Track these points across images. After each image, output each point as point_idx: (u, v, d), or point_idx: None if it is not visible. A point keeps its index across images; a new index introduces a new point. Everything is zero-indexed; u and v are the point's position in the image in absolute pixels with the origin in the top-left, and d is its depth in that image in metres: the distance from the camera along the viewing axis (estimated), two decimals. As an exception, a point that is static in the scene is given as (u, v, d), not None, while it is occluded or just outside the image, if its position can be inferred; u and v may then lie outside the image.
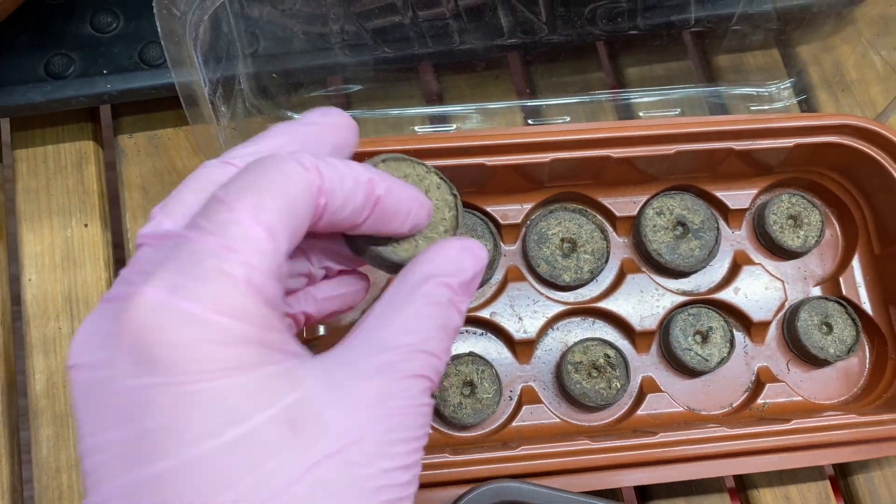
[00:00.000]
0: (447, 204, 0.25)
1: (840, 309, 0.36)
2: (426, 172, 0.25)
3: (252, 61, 0.34)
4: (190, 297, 0.17)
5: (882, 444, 0.31)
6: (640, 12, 0.35)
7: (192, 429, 0.17)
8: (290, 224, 0.19)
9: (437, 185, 0.25)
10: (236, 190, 0.19)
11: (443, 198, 0.25)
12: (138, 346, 0.17)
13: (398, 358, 0.20)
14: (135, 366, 0.17)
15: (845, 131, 0.35)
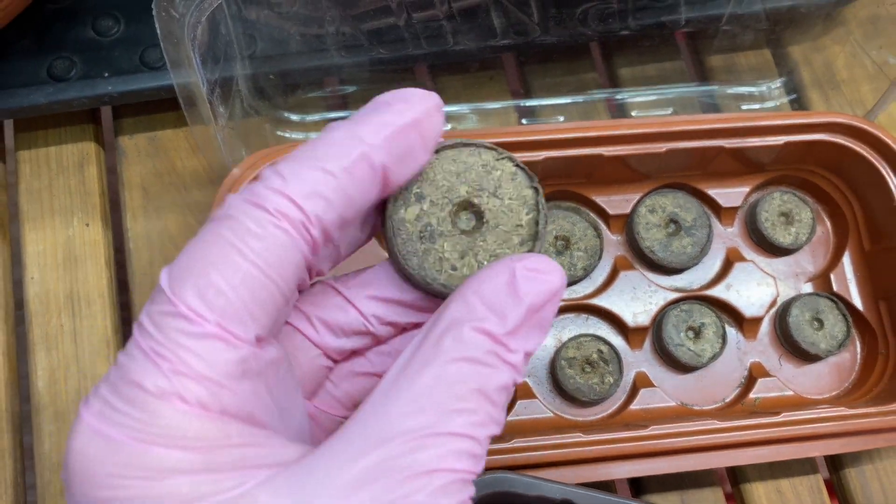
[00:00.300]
0: (525, 202, 0.20)
1: (831, 305, 0.36)
2: (497, 160, 0.20)
3: (249, 63, 0.34)
4: (117, 423, 0.15)
5: (870, 436, 0.32)
6: (630, 13, 0.35)
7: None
8: (258, 300, 0.16)
9: (510, 175, 0.20)
10: (180, 272, 0.16)
11: (518, 193, 0.20)
12: (73, 472, 0.16)
13: (399, 451, 0.15)
14: (76, 490, 0.16)
15: (834, 129, 0.35)
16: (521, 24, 0.35)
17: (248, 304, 0.16)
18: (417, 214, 0.20)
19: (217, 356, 0.16)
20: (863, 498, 0.35)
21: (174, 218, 0.36)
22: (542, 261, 0.17)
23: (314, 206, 0.17)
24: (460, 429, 0.16)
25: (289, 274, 0.17)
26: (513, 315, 0.17)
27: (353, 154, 0.17)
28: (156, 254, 0.36)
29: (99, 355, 0.34)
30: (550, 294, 0.17)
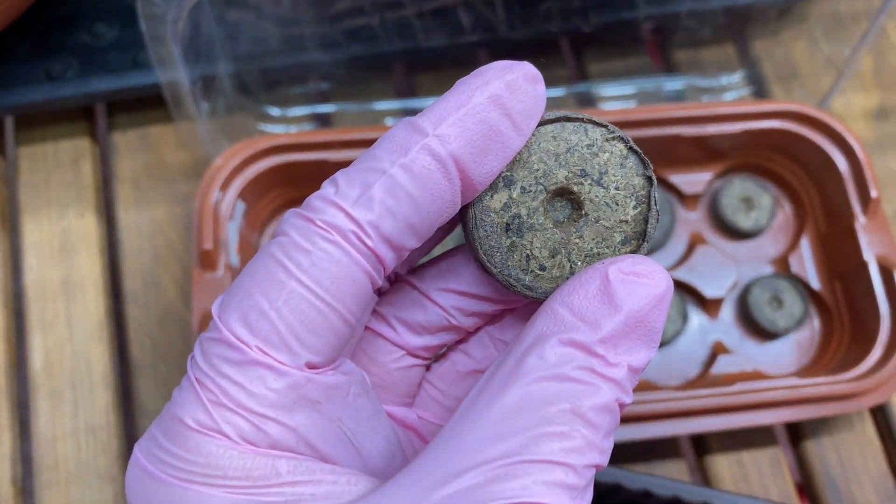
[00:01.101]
0: (634, 193, 0.17)
1: (789, 285, 0.38)
2: (606, 139, 0.17)
3: (232, 61, 0.37)
4: (161, 461, 0.15)
5: (821, 405, 0.33)
6: (591, 10, 0.37)
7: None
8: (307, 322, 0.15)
9: (620, 159, 0.17)
10: (230, 295, 0.15)
11: (627, 182, 0.17)
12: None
13: (477, 483, 0.13)
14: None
15: (787, 117, 0.37)
16: (488, 21, 0.37)
17: (295, 327, 0.15)
18: (505, 203, 0.17)
19: (261, 385, 0.14)
20: (821, 469, 0.36)
21: (163, 208, 0.39)
22: (641, 262, 0.15)
23: (366, 214, 0.15)
24: (551, 456, 0.13)
25: (345, 292, 0.15)
26: (608, 323, 0.14)
27: (412, 148, 0.15)
28: (146, 242, 0.38)
29: (92, 338, 0.36)
30: (655, 299, 0.15)
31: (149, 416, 0.35)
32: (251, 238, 0.36)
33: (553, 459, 0.13)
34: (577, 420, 0.14)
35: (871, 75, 0.43)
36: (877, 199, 0.36)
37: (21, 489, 0.34)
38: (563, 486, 0.13)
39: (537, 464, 0.13)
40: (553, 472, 0.13)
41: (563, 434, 0.14)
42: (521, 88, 0.16)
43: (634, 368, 0.15)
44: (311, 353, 0.15)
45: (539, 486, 0.13)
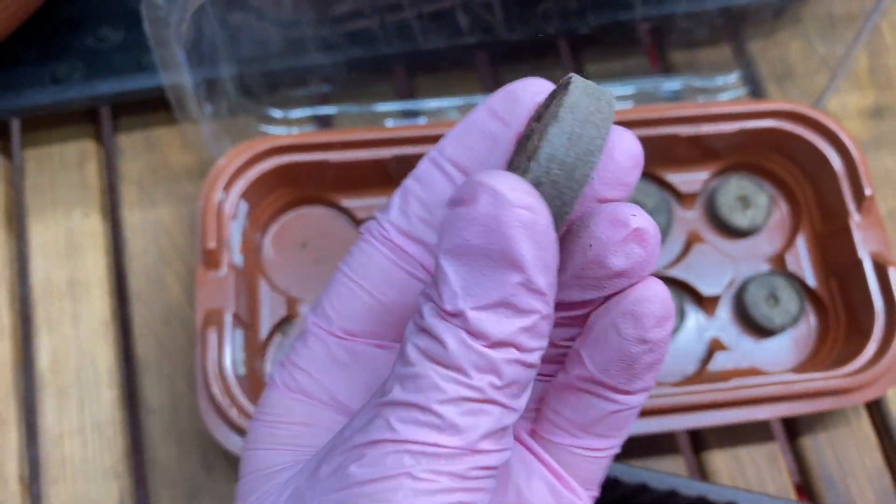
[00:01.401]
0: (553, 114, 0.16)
1: (785, 283, 0.38)
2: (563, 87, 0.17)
3: (234, 63, 0.37)
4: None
5: (817, 400, 0.33)
6: (589, 11, 0.38)
7: None
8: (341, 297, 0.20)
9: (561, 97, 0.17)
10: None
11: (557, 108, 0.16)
12: None
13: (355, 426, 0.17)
14: None
15: (783, 116, 0.37)
16: (487, 23, 0.38)
17: (332, 301, 0.19)
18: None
19: (304, 346, 0.19)
20: (817, 465, 0.36)
21: (167, 209, 0.39)
22: (462, 188, 0.16)
23: (386, 216, 0.19)
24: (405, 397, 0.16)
25: (370, 274, 0.19)
26: (438, 272, 0.16)
27: (420, 163, 0.19)
28: (150, 242, 0.39)
29: (97, 337, 0.37)
30: (477, 223, 0.15)
31: (154, 412, 0.36)
32: (254, 237, 0.37)
33: (406, 400, 0.16)
34: (429, 363, 0.16)
35: (867, 75, 0.43)
36: (871, 197, 0.36)
37: (28, 486, 0.35)
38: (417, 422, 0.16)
39: (393, 405, 0.16)
40: (407, 411, 0.16)
41: (416, 375, 0.16)
42: (514, 93, 0.18)
43: (487, 305, 0.15)
44: (344, 320, 0.19)
45: (393, 423, 0.16)
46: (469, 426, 0.16)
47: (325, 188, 0.38)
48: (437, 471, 0.15)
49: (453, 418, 0.15)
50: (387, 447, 0.15)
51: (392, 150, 0.36)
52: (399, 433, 0.15)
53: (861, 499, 0.36)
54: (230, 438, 0.32)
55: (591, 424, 0.19)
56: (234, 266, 0.34)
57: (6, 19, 0.36)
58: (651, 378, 0.18)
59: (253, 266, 0.36)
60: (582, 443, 0.19)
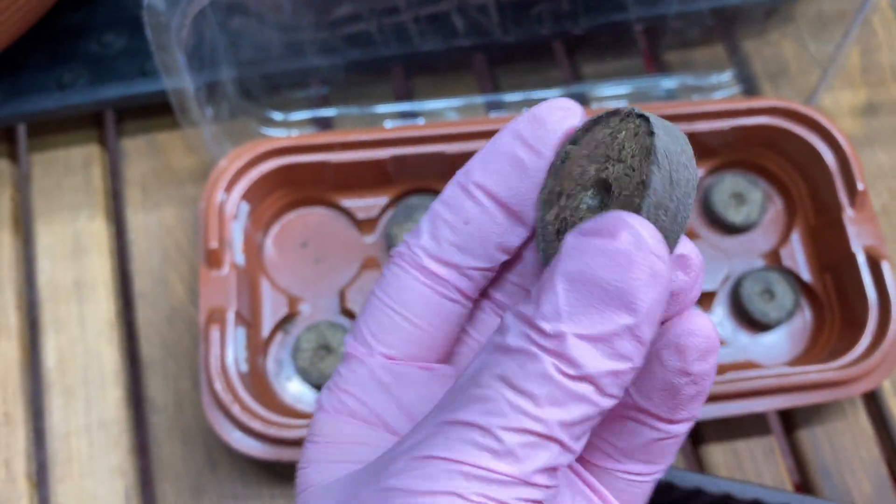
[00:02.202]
0: (647, 153, 0.16)
1: (780, 278, 0.39)
2: (622, 120, 0.17)
3: (235, 67, 0.38)
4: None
5: (812, 392, 0.34)
6: (582, 13, 0.38)
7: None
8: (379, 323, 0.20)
9: (635, 130, 0.17)
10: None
11: (640, 146, 0.16)
12: None
13: (416, 440, 0.16)
14: None
15: (776, 113, 0.38)
16: (482, 25, 0.38)
17: (371, 327, 0.20)
18: (556, 213, 0.18)
19: (348, 371, 0.20)
20: (814, 458, 0.37)
21: (171, 211, 0.40)
22: (604, 218, 0.15)
23: (417, 241, 0.19)
24: (469, 417, 0.15)
25: (406, 299, 0.19)
26: (544, 293, 0.15)
27: (448, 186, 0.19)
28: (154, 244, 0.39)
29: (103, 336, 0.38)
30: (604, 255, 0.15)
31: (158, 411, 0.36)
32: (255, 237, 0.38)
33: (470, 421, 0.15)
34: (502, 385, 0.15)
35: (859, 72, 0.44)
36: (864, 192, 0.36)
37: (36, 483, 0.36)
38: (476, 444, 0.15)
39: (457, 424, 0.15)
40: (469, 432, 0.15)
41: (486, 398, 0.15)
42: (540, 117, 0.19)
43: (589, 336, 0.15)
44: (384, 346, 0.19)
45: (453, 443, 0.15)
46: (527, 457, 0.15)
47: (324, 189, 0.38)
48: (487, 496, 0.15)
49: (513, 447, 0.15)
50: (442, 465, 0.15)
51: (391, 151, 0.37)
52: (456, 453, 0.15)
53: (858, 490, 0.36)
54: (233, 435, 0.32)
55: (635, 451, 0.19)
56: (236, 265, 0.35)
57: (13, 26, 0.37)
58: (696, 408, 0.18)
59: (254, 265, 0.37)
60: (625, 468, 0.19)
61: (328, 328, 0.36)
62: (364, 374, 0.20)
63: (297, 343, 0.36)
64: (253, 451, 0.32)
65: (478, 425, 0.15)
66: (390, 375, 0.20)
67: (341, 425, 0.19)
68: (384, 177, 0.38)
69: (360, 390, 0.20)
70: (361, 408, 0.19)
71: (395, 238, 0.38)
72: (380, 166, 0.37)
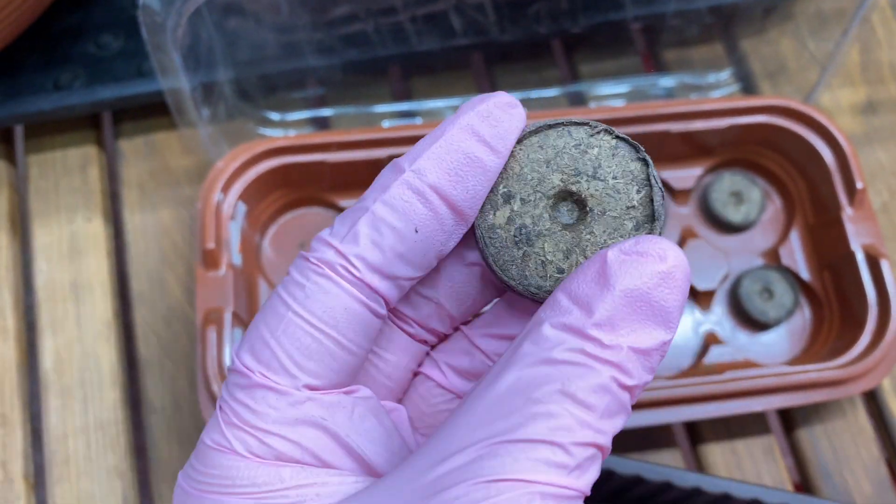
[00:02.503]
0: (633, 178, 0.17)
1: (779, 276, 0.38)
2: (591, 136, 0.18)
3: (231, 67, 0.38)
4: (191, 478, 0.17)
5: (811, 391, 0.34)
6: (580, 11, 0.38)
7: None
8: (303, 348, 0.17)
9: (611, 150, 0.17)
10: (247, 333, 0.17)
11: (624, 170, 0.17)
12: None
13: (462, 462, 0.14)
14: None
15: (774, 112, 0.38)
16: (480, 24, 0.38)
17: (292, 353, 0.16)
18: (508, 217, 0.18)
19: (264, 405, 0.16)
20: (814, 457, 0.37)
21: (168, 212, 0.40)
22: (645, 241, 0.15)
23: (353, 248, 0.17)
24: (536, 435, 0.14)
25: (338, 319, 0.17)
26: (600, 304, 0.15)
27: (391, 185, 0.17)
28: (151, 244, 0.39)
29: (100, 337, 0.37)
30: (657, 276, 0.15)
31: (156, 412, 0.36)
32: (253, 238, 0.37)
33: (538, 438, 0.14)
34: (565, 400, 0.14)
35: (859, 71, 0.44)
36: (863, 191, 0.36)
37: (33, 484, 0.36)
38: (549, 463, 0.14)
39: (523, 443, 0.14)
40: (538, 450, 0.14)
41: (550, 414, 0.14)
42: (494, 114, 0.17)
43: (639, 350, 0.15)
44: (310, 376, 0.17)
45: (523, 463, 0.14)
46: (588, 470, 0.15)
47: (322, 189, 0.38)
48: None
49: (582, 461, 0.15)
50: (519, 486, 0.14)
51: (388, 151, 0.37)
52: (531, 473, 0.14)
53: (858, 490, 0.36)
54: (230, 435, 0.32)
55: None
56: (233, 266, 0.35)
57: (9, 27, 0.37)
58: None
59: (252, 266, 0.37)
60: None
61: (326, 328, 0.36)
62: (289, 411, 0.17)
63: (294, 343, 0.36)
64: (250, 452, 0.32)
65: (548, 442, 0.14)
66: (322, 409, 0.17)
67: (277, 471, 0.16)
68: (381, 177, 0.38)
69: (288, 430, 0.17)
70: (294, 449, 0.17)
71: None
72: (377, 166, 0.37)
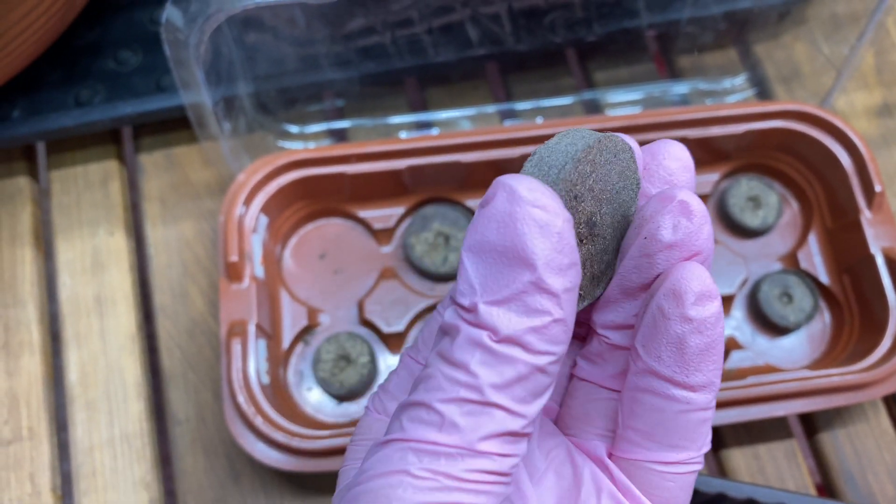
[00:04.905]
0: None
1: (799, 280, 0.39)
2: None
3: (251, 81, 0.38)
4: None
5: (833, 395, 0.34)
6: (595, 20, 0.38)
7: None
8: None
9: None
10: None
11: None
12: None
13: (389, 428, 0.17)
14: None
15: (789, 116, 0.38)
16: (495, 34, 0.39)
17: (424, 334, 0.21)
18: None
19: (396, 375, 0.21)
20: (836, 461, 0.37)
21: (189, 225, 0.40)
22: (488, 190, 0.16)
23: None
24: (416, 396, 0.16)
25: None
26: (459, 270, 0.16)
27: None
28: (173, 257, 0.40)
29: (124, 350, 0.38)
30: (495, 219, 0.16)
31: (180, 423, 0.37)
32: (274, 249, 0.38)
33: (416, 400, 0.16)
34: (438, 360, 0.16)
35: (874, 73, 0.44)
36: (881, 193, 0.36)
37: (61, 496, 0.36)
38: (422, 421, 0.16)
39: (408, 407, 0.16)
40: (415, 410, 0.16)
41: (427, 375, 0.16)
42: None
43: (497, 301, 0.16)
44: (429, 348, 0.19)
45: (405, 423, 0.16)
46: (468, 426, 0.16)
47: (341, 200, 0.38)
48: (436, 470, 0.15)
49: (453, 417, 0.16)
50: (395, 445, 0.16)
51: (406, 161, 0.37)
52: (406, 432, 0.16)
53: (881, 493, 0.36)
54: (256, 446, 0.33)
55: (658, 431, 0.18)
56: (256, 278, 0.35)
57: (30, 47, 0.37)
58: (710, 370, 0.18)
59: (274, 277, 0.37)
60: (655, 456, 0.19)
61: (348, 339, 0.36)
62: (406, 376, 0.20)
63: (316, 354, 0.36)
64: (276, 463, 0.32)
65: (422, 403, 0.16)
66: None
67: (378, 424, 0.20)
68: (400, 187, 0.38)
69: (400, 390, 0.20)
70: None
71: (411, 248, 0.38)
72: (395, 177, 0.37)
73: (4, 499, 0.35)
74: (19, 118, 0.40)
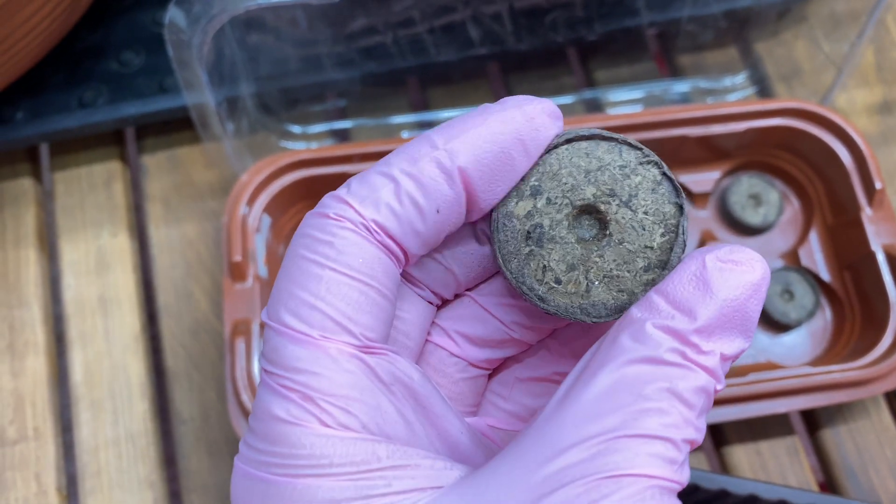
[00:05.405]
0: (663, 220, 0.17)
1: (800, 277, 0.39)
2: (640, 163, 0.17)
3: (253, 82, 0.38)
4: (262, 462, 0.15)
5: (833, 392, 0.34)
6: (596, 19, 0.39)
7: None
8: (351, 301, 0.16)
9: (653, 184, 0.17)
10: (273, 302, 0.16)
11: (657, 208, 0.17)
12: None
13: (581, 458, 0.14)
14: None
15: (791, 114, 0.38)
16: (497, 34, 0.39)
17: (344, 310, 0.15)
18: (529, 211, 0.17)
19: (338, 369, 0.15)
20: (838, 457, 0.37)
21: (192, 225, 0.40)
22: (738, 251, 0.16)
23: (373, 213, 0.16)
24: (651, 430, 0.14)
25: (376, 269, 0.16)
26: (703, 311, 0.15)
27: (420, 157, 0.16)
28: (177, 258, 0.40)
29: (128, 350, 0.38)
30: (751, 288, 0.15)
31: (185, 422, 0.37)
32: (277, 250, 0.38)
33: (653, 434, 0.14)
34: (673, 398, 0.14)
35: (874, 71, 0.44)
36: (882, 191, 0.36)
37: (66, 496, 0.36)
38: (664, 458, 0.14)
39: (639, 438, 0.14)
40: (654, 445, 0.14)
41: (662, 410, 0.14)
42: (538, 119, 0.17)
43: (727, 357, 0.15)
44: (366, 329, 0.16)
45: (642, 458, 0.14)
46: (686, 465, 0.15)
47: (344, 200, 0.39)
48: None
49: (686, 457, 0.15)
50: (640, 482, 0.14)
51: (408, 161, 0.37)
52: (650, 468, 0.14)
53: (883, 489, 0.36)
54: (260, 445, 0.33)
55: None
56: (260, 278, 0.35)
57: (34, 49, 0.37)
58: None
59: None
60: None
61: (351, 338, 0.36)
62: (360, 372, 0.15)
63: (320, 353, 0.36)
64: (280, 461, 0.32)
65: (662, 438, 0.14)
66: (388, 373, 0.16)
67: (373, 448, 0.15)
68: (402, 186, 0.38)
69: (366, 395, 0.15)
70: (374, 419, 0.15)
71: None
72: (398, 176, 0.38)
73: (10, 498, 0.35)
74: (23, 120, 0.40)
